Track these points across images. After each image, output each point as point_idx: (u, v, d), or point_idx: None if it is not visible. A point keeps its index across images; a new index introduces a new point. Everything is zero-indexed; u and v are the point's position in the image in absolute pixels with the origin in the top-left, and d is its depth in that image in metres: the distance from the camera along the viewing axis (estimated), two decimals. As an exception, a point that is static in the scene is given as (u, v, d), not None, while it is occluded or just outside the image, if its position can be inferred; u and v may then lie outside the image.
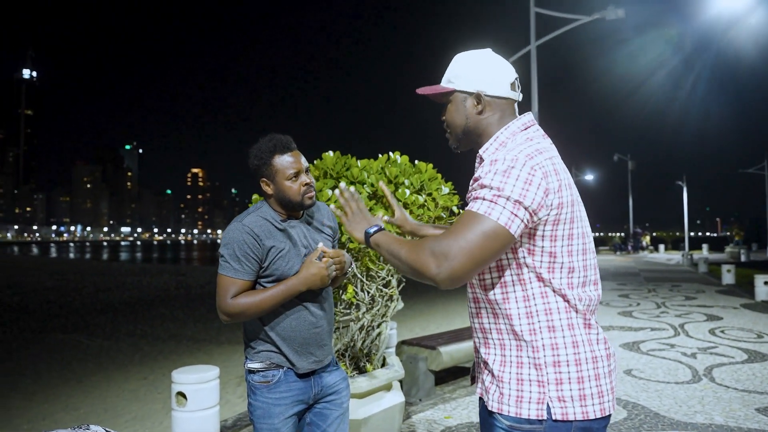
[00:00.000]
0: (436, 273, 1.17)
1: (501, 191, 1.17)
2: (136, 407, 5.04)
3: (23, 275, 23.66)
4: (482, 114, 1.36)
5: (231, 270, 1.76)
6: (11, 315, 11.43)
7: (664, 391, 4.51)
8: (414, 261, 1.22)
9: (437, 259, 1.17)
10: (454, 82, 1.38)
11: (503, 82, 1.36)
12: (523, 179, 1.18)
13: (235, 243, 1.76)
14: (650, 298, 10.89)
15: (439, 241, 1.19)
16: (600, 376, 1.25)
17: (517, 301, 1.27)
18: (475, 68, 1.36)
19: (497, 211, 1.16)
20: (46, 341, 8.51)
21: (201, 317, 10.98)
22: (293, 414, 1.87)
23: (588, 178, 35.03)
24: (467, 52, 1.40)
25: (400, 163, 2.84)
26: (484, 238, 1.15)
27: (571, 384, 1.23)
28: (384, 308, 2.94)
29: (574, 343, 1.25)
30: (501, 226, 1.16)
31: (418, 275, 1.22)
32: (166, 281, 20.26)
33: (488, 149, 1.36)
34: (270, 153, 1.81)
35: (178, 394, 3.24)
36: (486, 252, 1.16)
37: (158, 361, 7.04)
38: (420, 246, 1.23)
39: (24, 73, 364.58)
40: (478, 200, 1.20)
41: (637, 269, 19.72)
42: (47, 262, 39.66)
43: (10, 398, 5.47)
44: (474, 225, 1.17)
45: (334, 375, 1.97)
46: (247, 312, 1.75)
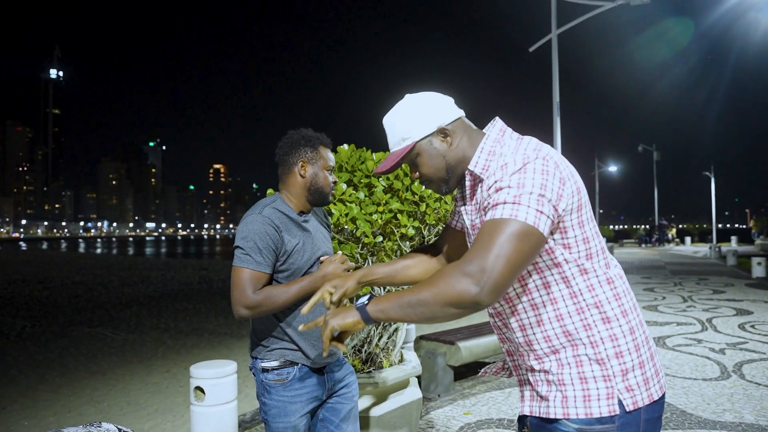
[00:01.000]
0: (477, 291, 1.07)
1: (521, 188, 1.13)
2: (158, 400, 5.11)
3: (52, 270, 24.28)
4: (452, 145, 1.34)
5: (253, 263, 1.71)
6: (41, 309, 11.73)
7: (692, 388, 4.38)
8: (444, 294, 1.09)
9: (473, 278, 1.07)
10: (411, 136, 1.33)
11: (448, 106, 1.35)
12: (539, 171, 1.16)
13: (257, 235, 1.72)
14: (676, 292, 10.63)
15: (468, 260, 1.10)
16: (653, 356, 1.27)
17: (564, 300, 1.23)
18: (422, 111, 1.33)
19: (523, 211, 1.11)
20: (73, 335, 8.70)
21: (222, 311, 11.11)
22: (308, 411, 1.86)
23: (612, 169, 34.38)
24: (394, 110, 1.36)
25: (415, 156, 2.78)
26: (516, 240, 1.09)
27: (635, 371, 1.21)
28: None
29: (631, 330, 1.24)
30: (530, 226, 1.11)
31: (456, 305, 1.09)
32: (189, 275, 20.57)
33: (478, 162, 1.31)
34: (318, 140, 1.87)
35: (196, 388, 3.26)
36: (521, 255, 1.10)
37: (181, 355, 7.14)
38: (443, 276, 1.12)
39: (51, 72, 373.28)
40: (498, 206, 1.13)
41: (663, 262, 19.29)
42: (75, 257, 40.66)
43: (38, 390, 5.60)
44: (503, 230, 1.10)
45: (344, 369, 1.99)
46: (269, 304, 1.72)
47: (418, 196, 2.68)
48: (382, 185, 2.67)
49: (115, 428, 1.47)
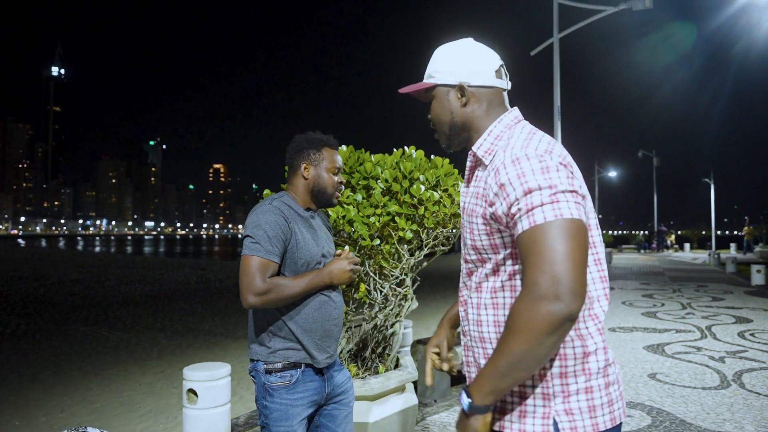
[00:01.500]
0: (562, 306, 0.98)
1: (554, 187, 1.06)
2: (151, 401, 5.06)
3: (50, 268, 24.20)
4: (467, 106, 1.28)
5: (263, 251, 1.70)
6: (36, 307, 11.66)
7: (691, 396, 4.33)
8: (533, 331, 0.99)
9: (549, 295, 0.99)
10: (435, 77, 1.30)
11: (486, 70, 1.27)
12: (562, 170, 1.10)
13: (267, 224, 1.73)
14: (675, 299, 10.59)
15: (533, 283, 1.01)
16: (610, 384, 1.16)
17: (505, 308, 1.18)
18: (456, 59, 1.28)
19: (565, 208, 1.05)
20: (68, 333, 8.64)
21: (219, 312, 11.06)
22: (306, 416, 1.84)
23: (611, 174, 34.38)
24: (448, 43, 1.32)
25: (414, 158, 2.74)
26: (572, 239, 1.02)
27: (579, 395, 1.13)
28: (398, 308, 2.84)
29: (586, 353, 1.14)
30: (577, 220, 1.05)
31: (551, 333, 0.99)
32: (186, 275, 20.50)
33: (483, 144, 1.25)
34: (322, 143, 1.88)
35: (188, 391, 3.21)
36: (583, 251, 1.03)
37: (176, 355, 7.08)
38: (517, 316, 1.02)
39: (53, 70, 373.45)
40: (535, 209, 1.05)
41: (662, 268, 19.25)
42: (73, 255, 40.55)
43: (30, 389, 5.54)
44: (555, 234, 1.02)
45: (342, 374, 1.98)
46: (278, 293, 1.70)
47: (417, 199, 2.63)
48: (380, 187, 2.62)
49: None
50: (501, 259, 1.19)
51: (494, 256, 1.20)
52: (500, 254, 1.19)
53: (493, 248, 1.19)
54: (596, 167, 32.50)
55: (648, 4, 8.14)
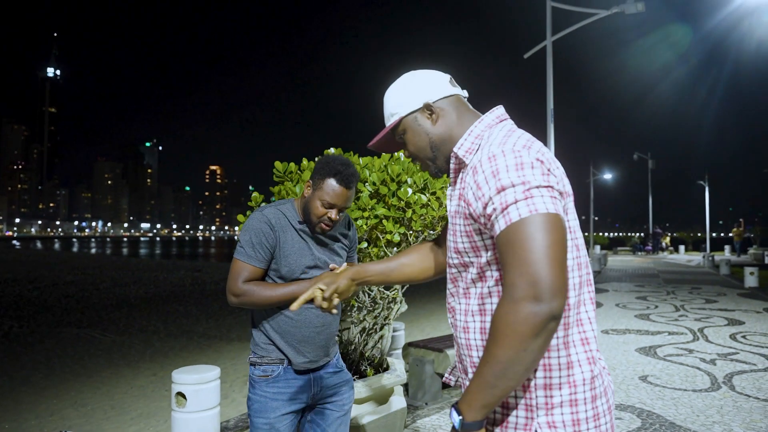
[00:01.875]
0: (543, 306, 0.95)
1: (527, 183, 1.03)
2: (142, 404, 5.04)
3: (44, 270, 24.09)
4: (438, 122, 1.28)
5: (245, 255, 1.83)
6: (30, 309, 11.60)
7: (681, 399, 4.35)
8: (515, 336, 0.96)
9: (528, 297, 0.95)
10: (398, 111, 1.31)
11: (441, 83, 1.29)
12: (538, 166, 1.07)
13: (252, 230, 1.84)
14: (669, 301, 10.63)
15: (511, 285, 0.98)
16: (597, 397, 1.11)
17: (492, 314, 1.12)
18: (409, 88, 1.30)
19: (540, 203, 1.01)
20: (62, 336, 8.60)
21: (213, 314, 11.03)
22: (290, 412, 1.88)
23: (606, 177, 34.47)
24: (394, 83, 1.35)
25: (403, 161, 2.74)
26: (548, 234, 0.99)
27: (563, 408, 1.09)
28: (386, 311, 2.84)
29: (570, 364, 1.10)
30: (554, 214, 1.01)
31: (535, 335, 0.96)
32: (181, 277, 20.45)
33: (463, 144, 1.23)
34: (330, 173, 1.85)
35: (177, 394, 3.20)
36: (560, 246, 1.00)
37: (168, 358, 7.06)
38: (499, 322, 0.98)
39: (48, 71, 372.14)
40: (509, 207, 1.02)
41: (656, 270, 19.31)
42: (68, 257, 40.38)
43: (21, 393, 5.51)
44: (529, 231, 0.99)
45: (336, 377, 1.98)
46: (253, 298, 1.79)
47: (404, 202, 2.63)
48: (368, 190, 2.62)
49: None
50: (485, 263, 1.15)
51: (476, 260, 1.17)
52: (482, 257, 1.15)
53: (475, 250, 1.16)
54: (591, 169, 32.58)
55: (640, 7, 8.19)
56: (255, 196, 2.84)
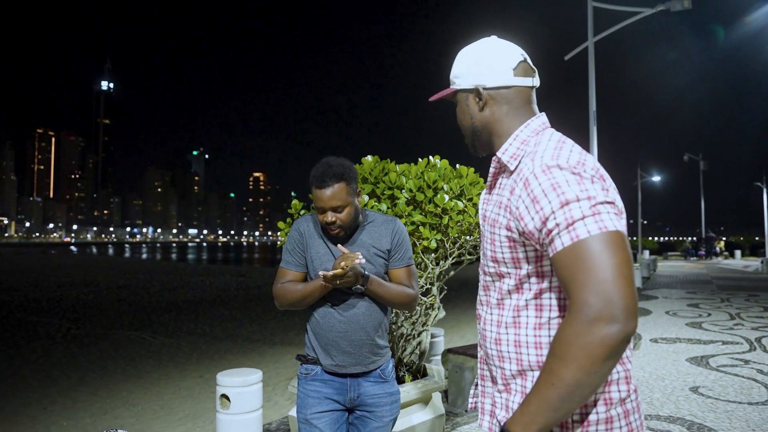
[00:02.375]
0: (619, 327, 0.91)
1: (593, 198, 0.99)
2: (189, 405, 5.21)
3: (99, 274, 25.26)
4: (485, 110, 1.22)
5: (283, 261, 2.01)
6: (86, 312, 12.20)
7: (735, 412, 4.14)
8: (589, 357, 0.92)
9: (604, 317, 0.91)
10: (455, 82, 1.27)
11: (504, 70, 1.20)
12: (598, 182, 1.04)
13: (289, 238, 2.02)
14: (723, 309, 10.13)
15: (582, 303, 0.93)
16: (629, 413, 1.10)
17: (528, 328, 1.13)
18: (473, 61, 1.23)
19: (608, 220, 0.98)
20: (115, 338, 9.00)
21: (257, 318, 11.28)
22: (327, 411, 1.95)
23: (655, 179, 33.25)
24: (469, 45, 1.28)
25: (439, 168, 2.75)
26: (618, 252, 0.95)
27: (599, 425, 1.07)
28: (424, 317, 2.85)
29: (608, 382, 1.08)
30: (621, 232, 0.98)
31: (609, 357, 0.93)
32: (226, 281, 21.01)
33: (508, 149, 1.19)
34: (311, 182, 1.92)
35: (222, 396, 3.30)
36: (631, 266, 0.97)
37: (214, 360, 7.27)
38: (569, 341, 0.94)
39: (102, 84, 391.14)
40: (576, 223, 0.98)
41: (710, 277, 18.45)
42: (121, 261, 42.20)
43: (78, 392, 5.81)
44: (602, 248, 0.95)
45: (378, 387, 1.98)
46: (285, 297, 1.94)
47: (441, 209, 2.64)
48: (405, 197, 2.64)
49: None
50: (524, 275, 1.13)
51: (515, 271, 1.14)
52: (522, 269, 1.13)
53: (515, 262, 1.13)
54: (639, 171, 31.48)
55: (687, 4, 7.87)
56: (294, 203, 2.91)
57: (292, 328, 9.90)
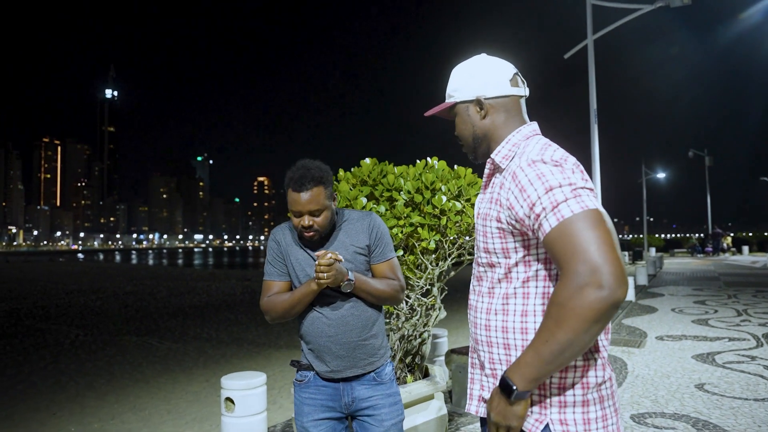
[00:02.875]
0: (608, 292, 1.00)
1: (574, 183, 1.12)
2: (196, 409, 5.24)
3: (106, 281, 25.40)
4: (486, 118, 1.35)
5: (266, 273, 1.97)
6: (93, 318, 12.28)
7: (741, 408, 4.13)
8: (580, 319, 1.01)
9: (592, 282, 1.00)
10: (454, 95, 1.39)
11: (501, 81, 1.34)
12: (578, 172, 1.17)
13: (268, 249, 1.99)
14: (730, 305, 10.08)
15: (572, 272, 1.03)
16: (604, 399, 1.19)
17: (515, 315, 1.23)
18: (471, 75, 1.36)
19: (588, 200, 1.10)
20: (122, 343, 9.06)
21: (262, 322, 11.31)
22: (324, 418, 1.93)
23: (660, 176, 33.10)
24: (463, 62, 1.41)
25: (437, 169, 2.77)
26: (600, 226, 1.06)
27: (575, 407, 1.17)
28: (425, 317, 2.87)
29: (585, 367, 1.19)
30: (599, 210, 1.09)
31: (598, 319, 1.02)
32: (232, 286, 21.08)
33: (500, 152, 1.32)
34: (286, 185, 1.88)
35: (226, 399, 3.33)
36: (611, 237, 1.06)
37: (220, 365, 7.30)
38: (562, 305, 1.03)
39: (106, 92, 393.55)
40: (560, 205, 1.08)
41: (717, 273, 18.34)
42: (128, 268, 42.40)
43: (85, 397, 5.85)
44: (584, 224, 1.05)
45: (372, 390, 1.92)
46: (274, 310, 1.91)
47: (439, 210, 2.66)
48: (403, 199, 2.67)
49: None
50: (513, 264, 1.23)
51: (505, 260, 1.24)
52: (511, 259, 1.23)
53: (505, 252, 1.24)
54: (643, 168, 31.36)
55: (686, 0, 7.84)
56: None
57: (298, 332, 9.93)
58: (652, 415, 4.02)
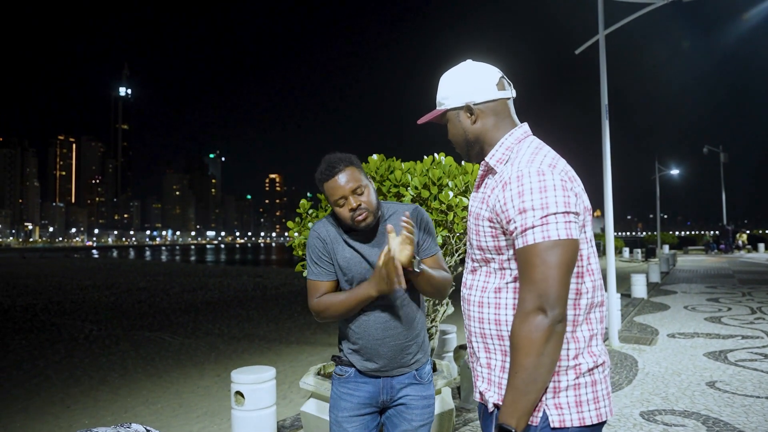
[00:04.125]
0: (551, 317, 1.13)
1: (545, 208, 1.17)
2: (207, 403, 5.31)
3: (120, 277, 25.73)
4: (477, 123, 1.39)
5: (312, 273, 1.87)
6: (107, 314, 12.46)
7: (752, 406, 4.09)
8: (532, 344, 1.13)
9: (537, 310, 1.14)
10: (444, 103, 1.43)
11: (488, 86, 1.38)
12: (559, 187, 1.20)
13: (310, 248, 1.88)
14: (744, 303, 9.96)
15: (523, 300, 1.16)
16: (597, 382, 1.25)
17: (507, 308, 1.28)
18: (458, 83, 1.40)
19: (553, 229, 1.16)
20: (135, 338, 9.19)
21: (274, 318, 11.40)
22: (360, 414, 1.87)
23: (674, 172, 32.71)
24: (450, 70, 1.44)
25: (444, 165, 2.77)
26: (556, 257, 1.15)
27: (568, 392, 1.23)
28: (432, 313, 2.88)
29: (576, 355, 1.24)
30: (563, 240, 1.16)
31: (549, 340, 1.13)
32: (244, 282, 21.24)
33: (494, 155, 1.36)
34: (320, 181, 1.81)
35: (236, 393, 3.38)
36: (569, 266, 1.16)
37: (231, 360, 7.38)
38: (518, 333, 1.15)
39: (120, 90, 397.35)
40: (527, 231, 1.18)
41: (731, 271, 18.12)
42: (141, 264, 42.88)
43: (99, 391, 5.95)
44: (542, 254, 1.15)
45: (411, 389, 1.87)
46: (329, 311, 1.80)
47: (446, 205, 2.66)
48: (410, 194, 2.67)
49: (144, 429, 1.55)
50: (505, 259, 1.29)
51: (498, 257, 1.30)
52: (504, 255, 1.29)
53: (497, 249, 1.30)
54: (657, 165, 31.00)
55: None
56: (303, 203, 2.96)
57: (308, 328, 9.99)
58: (662, 412, 4.00)
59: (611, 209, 6.83)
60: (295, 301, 14.43)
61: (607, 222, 7.03)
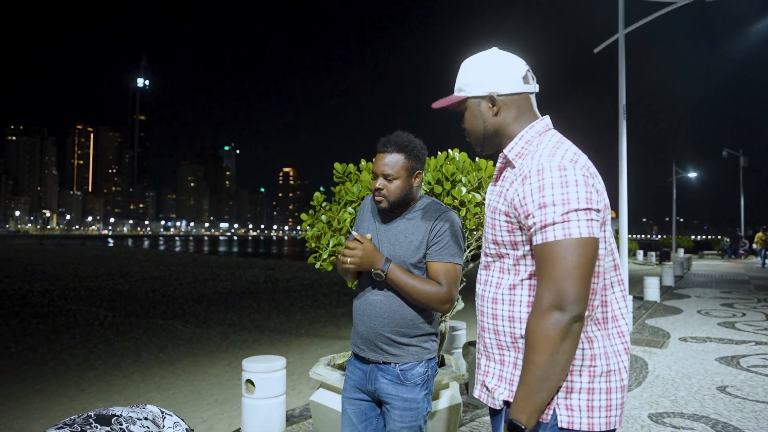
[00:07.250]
0: (569, 315, 1.10)
1: (567, 204, 1.14)
2: (218, 391, 5.39)
3: (134, 265, 26.07)
4: (498, 115, 1.34)
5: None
6: (122, 301, 12.65)
7: (763, 412, 4.05)
8: (549, 342, 1.10)
9: (555, 307, 1.11)
10: (465, 90, 1.37)
11: (514, 78, 1.33)
12: (582, 183, 1.16)
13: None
14: (759, 309, 9.82)
15: (541, 297, 1.13)
16: (612, 390, 1.21)
17: (521, 305, 1.26)
18: (484, 71, 1.34)
19: (574, 227, 1.13)
20: (148, 326, 9.33)
21: (285, 310, 11.49)
22: (357, 399, 1.95)
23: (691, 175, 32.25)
24: (474, 56, 1.38)
25: (457, 161, 2.79)
26: (577, 256, 1.12)
27: (581, 394, 1.19)
28: (442, 308, 2.89)
29: (592, 356, 1.21)
30: (585, 238, 1.13)
31: (566, 338, 1.11)
32: (256, 274, 21.41)
33: (514, 148, 1.32)
34: (377, 147, 1.92)
35: (247, 381, 3.43)
36: (589, 266, 1.13)
37: (242, 350, 7.47)
38: (534, 330, 1.13)
39: (138, 81, 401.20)
40: (548, 228, 1.14)
41: (747, 276, 17.84)
42: (155, 254, 43.40)
43: (113, 376, 6.07)
44: (562, 252, 1.12)
45: (392, 387, 1.86)
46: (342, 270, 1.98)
47: (459, 201, 2.68)
48: (423, 190, 2.69)
49: (159, 411, 1.59)
50: (521, 255, 1.25)
51: (513, 252, 1.27)
52: (519, 251, 1.25)
53: (513, 244, 1.27)
54: (674, 168, 30.59)
55: (722, -7, 7.60)
56: (317, 195, 3.00)
57: (318, 320, 10.06)
58: (671, 415, 3.98)
59: (626, 211, 6.78)
60: (305, 294, 14.52)
61: (621, 224, 6.98)
